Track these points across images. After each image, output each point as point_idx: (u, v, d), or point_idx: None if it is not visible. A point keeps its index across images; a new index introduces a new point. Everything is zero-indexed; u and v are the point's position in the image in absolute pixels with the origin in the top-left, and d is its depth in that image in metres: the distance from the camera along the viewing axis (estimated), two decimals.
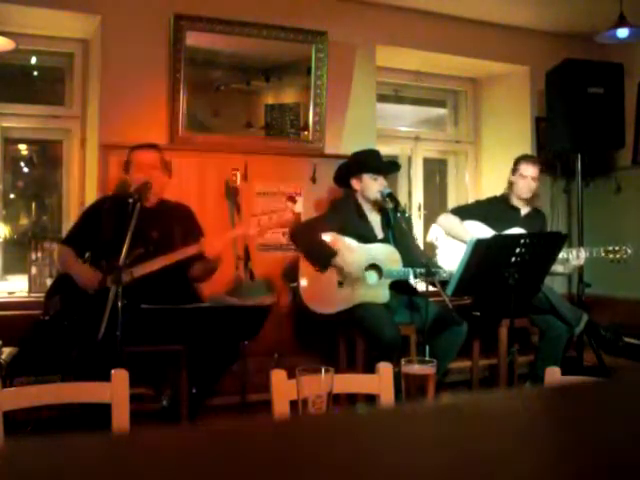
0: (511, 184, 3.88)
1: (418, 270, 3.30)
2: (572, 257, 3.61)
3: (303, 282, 3.41)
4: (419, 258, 3.34)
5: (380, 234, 3.54)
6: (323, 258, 3.35)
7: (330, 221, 3.47)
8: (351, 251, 3.40)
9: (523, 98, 4.79)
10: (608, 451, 0.17)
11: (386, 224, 3.56)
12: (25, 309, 3.32)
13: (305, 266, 3.41)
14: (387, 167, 3.56)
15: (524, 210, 3.89)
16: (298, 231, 3.49)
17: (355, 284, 3.38)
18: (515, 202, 3.87)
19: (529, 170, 3.82)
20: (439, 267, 3.43)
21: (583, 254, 3.63)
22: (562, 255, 3.56)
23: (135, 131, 3.56)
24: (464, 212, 3.87)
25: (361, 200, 3.53)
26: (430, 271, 3.12)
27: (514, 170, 3.88)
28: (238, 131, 3.98)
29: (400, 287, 3.46)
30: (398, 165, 3.75)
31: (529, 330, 3.85)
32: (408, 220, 3.83)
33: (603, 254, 3.61)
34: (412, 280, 3.41)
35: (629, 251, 3.57)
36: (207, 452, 0.17)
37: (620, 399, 0.23)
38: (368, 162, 3.51)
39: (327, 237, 3.41)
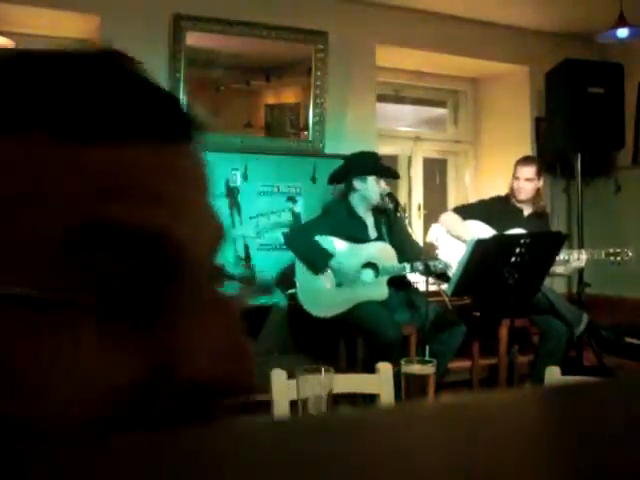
0: (510, 186, 3.92)
1: (415, 264, 3.29)
2: (573, 259, 3.61)
3: (300, 286, 3.41)
4: (418, 255, 3.34)
5: (374, 234, 3.54)
6: (319, 261, 3.36)
7: (323, 224, 3.47)
8: (346, 252, 3.40)
9: (523, 98, 4.79)
10: (608, 451, 0.17)
11: (383, 224, 3.56)
12: None
13: (302, 270, 3.41)
14: (393, 173, 3.62)
15: (527, 211, 3.90)
16: (292, 236, 3.51)
17: (353, 284, 3.38)
18: (517, 203, 3.89)
19: (522, 172, 3.85)
20: (437, 259, 3.43)
21: (584, 256, 3.63)
22: (563, 257, 3.56)
23: None
24: (466, 211, 3.88)
25: (357, 201, 3.52)
26: (428, 265, 3.12)
27: (513, 172, 3.92)
28: (238, 131, 3.98)
29: (398, 284, 3.46)
30: (398, 174, 3.83)
31: (529, 330, 3.84)
32: (401, 219, 3.83)
33: (604, 256, 3.61)
34: (408, 274, 3.41)
35: (630, 254, 3.57)
36: (206, 452, 0.17)
37: (620, 399, 0.23)
38: (374, 165, 3.52)
39: (321, 240, 3.42)
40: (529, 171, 3.84)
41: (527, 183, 3.83)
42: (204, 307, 0.36)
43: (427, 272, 3.09)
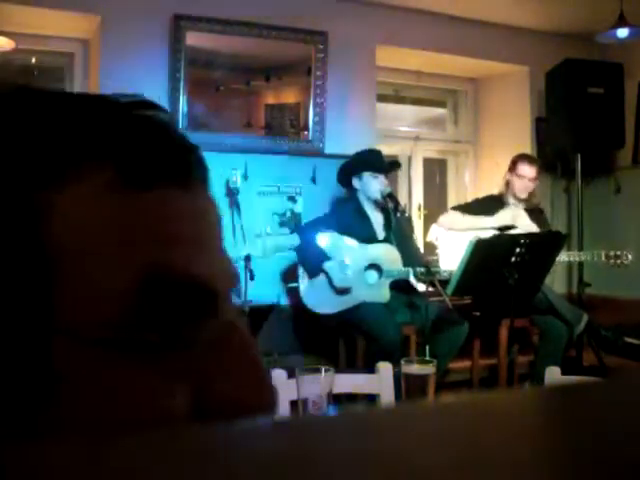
0: (507, 183, 3.88)
1: (418, 269, 3.30)
2: None
3: (302, 282, 3.41)
4: (419, 259, 3.35)
5: (382, 234, 3.54)
6: (312, 268, 3.36)
7: (331, 221, 3.48)
8: (352, 251, 3.40)
9: (523, 98, 4.79)
10: (608, 451, 0.17)
11: (388, 224, 3.56)
12: None
13: None
14: (387, 166, 3.58)
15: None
16: (297, 234, 3.51)
17: (354, 285, 3.38)
18: (511, 201, 3.87)
19: (527, 170, 3.82)
20: (438, 267, 3.44)
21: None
22: (562, 258, 3.58)
23: None
24: (463, 210, 3.88)
25: (363, 200, 3.53)
26: (430, 270, 3.12)
27: (511, 168, 3.88)
28: (238, 131, 3.98)
29: (400, 286, 3.46)
30: (399, 163, 3.77)
31: (529, 330, 3.84)
32: (409, 221, 3.83)
33: (604, 259, 3.61)
34: (412, 279, 3.41)
35: (629, 256, 3.57)
36: (206, 452, 0.17)
37: (620, 399, 0.23)
38: (369, 161, 3.52)
39: (327, 237, 3.42)
40: (533, 171, 3.83)
41: (530, 183, 3.83)
42: (231, 341, 0.39)
43: (430, 279, 3.09)
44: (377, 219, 3.56)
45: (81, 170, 0.35)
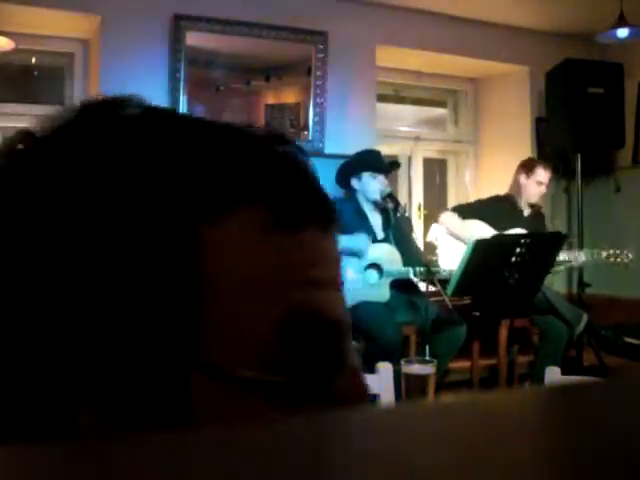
0: (519, 186, 3.86)
1: (418, 269, 3.30)
2: (571, 257, 3.64)
3: None
4: (419, 258, 3.35)
5: (381, 234, 3.55)
6: None
7: None
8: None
9: (523, 98, 4.79)
10: (608, 451, 0.17)
11: (386, 224, 3.56)
12: None
13: None
14: (387, 166, 3.58)
15: (526, 211, 3.90)
16: None
17: (354, 284, 3.38)
18: (521, 204, 3.87)
19: (544, 176, 3.83)
20: (438, 267, 3.44)
21: (582, 257, 3.65)
22: (562, 257, 3.57)
23: None
24: (465, 210, 3.87)
25: (362, 200, 3.53)
26: (430, 270, 3.12)
27: (528, 173, 3.84)
28: None
29: (400, 286, 3.46)
30: (397, 163, 3.77)
31: (529, 330, 3.84)
32: (408, 220, 3.83)
33: (604, 257, 3.61)
34: (412, 277, 3.41)
35: (630, 255, 3.57)
36: (206, 453, 0.17)
37: (620, 399, 0.23)
38: (367, 161, 3.53)
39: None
40: (549, 175, 3.85)
41: (545, 189, 3.85)
42: (353, 370, 0.40)
43: (430, 278, 3.09)
44: (376, 219, 3.56)
45: (235, 208, 0.36)
